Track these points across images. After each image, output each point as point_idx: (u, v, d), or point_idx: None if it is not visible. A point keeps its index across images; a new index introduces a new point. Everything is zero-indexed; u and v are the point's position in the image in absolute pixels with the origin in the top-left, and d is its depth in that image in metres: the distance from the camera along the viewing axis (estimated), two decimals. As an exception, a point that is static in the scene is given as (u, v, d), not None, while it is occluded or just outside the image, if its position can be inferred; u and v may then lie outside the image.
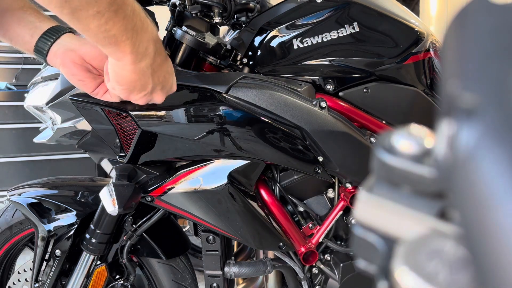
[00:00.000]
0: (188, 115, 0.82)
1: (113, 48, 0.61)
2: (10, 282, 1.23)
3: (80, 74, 0.71)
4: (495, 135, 0.16)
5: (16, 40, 0.73)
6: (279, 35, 0.91)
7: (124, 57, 0.62)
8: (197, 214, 0.92)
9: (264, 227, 0.93)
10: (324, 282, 1.06)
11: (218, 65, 0.93)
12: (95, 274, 1.06)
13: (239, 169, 0.89)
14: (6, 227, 1.21)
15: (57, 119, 0.98)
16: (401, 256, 0.19)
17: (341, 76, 0.91)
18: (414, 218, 0.21)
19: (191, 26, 0.89)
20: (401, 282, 0.18)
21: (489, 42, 0.18)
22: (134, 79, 0.66)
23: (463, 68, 0.18)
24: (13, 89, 2.77)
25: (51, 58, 0.72)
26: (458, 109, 0.17)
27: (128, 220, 1.04)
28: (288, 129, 0.84)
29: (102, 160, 1.01)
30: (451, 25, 0.21)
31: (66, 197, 1.11)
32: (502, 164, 0.15)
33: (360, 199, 0.23)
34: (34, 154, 2.74)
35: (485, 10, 0.20)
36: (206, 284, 1.04)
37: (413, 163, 0.21)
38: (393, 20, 0.92)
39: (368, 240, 0.23)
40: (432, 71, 0.99)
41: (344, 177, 0.94)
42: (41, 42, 0.71)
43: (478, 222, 0.16)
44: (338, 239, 1.05)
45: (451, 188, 0.18)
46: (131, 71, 0.64)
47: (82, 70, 0.71)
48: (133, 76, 0.65)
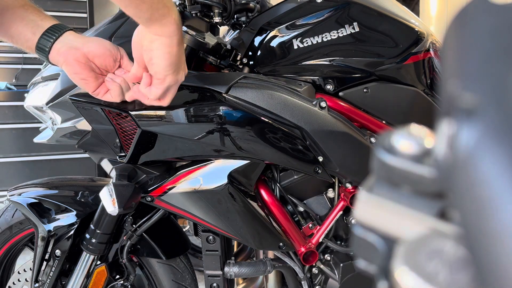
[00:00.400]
0: (188, 115, 0.82)
1: (165, 20, 0.64)
2: (10, 282, 1.23)
3: (83, 72, 0.71)
4: (495, 135, 0.16)
5: (18, 38, 0.73)
6: (279, 35, 0.91)
7: (173, 29, 0.65)
8: (197, 214, 0.92)
9: (264, 227, 0.93)
10: (324, 282, 1.06)
11: (218, 65, 0.93)
12: (95, 274, 1.06)
13: (239, 169, 0.89)
14: (6, 227, 1.21)
15: (57, 119, 0.98)
16: (401, 256, 0.19)
17: (341, 76, 0.91)
18: (414, 218, 0.21)
19: (191, 26, 0.89)
20: (401, 282, 0.18)
21: (489, 42, 0.18)
22: (180, 54, 0.68)
23: (463, 68, 0.18)
24: (13, 89, 2.77)
25: (53, 56, 0.72)
26: (458, 109, 0.17)
27: (128, 220, 1.04)
28: (288, 129, 0.84)
29: (102, 160, 1.01)
30: (451, 25, 0.21)
31: (66, 197, 1.11)
32: (502, 164, 0.15)
33: (360, 199, 0.23)
34: (34, 154, 2.74)
35: (485, 10, 0.20)
36: (206, 284, 1.04)
37: (413, 163, 0.21)
38: (393, 20, 0.92)
39: (368, 240, 0.23)
40: (432, 71, 0.99)
41: (344, 177, 0.94)
42: (43, 40, 0.71)
43: (478, 222, 0.16)
44: (338, 239, 1.05)
45: (451, 188, 0.18)
46: (178, 44, 0.67)
47: (85, 69, 0.71)
48: (180, 51, 0.68)
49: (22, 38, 0.72)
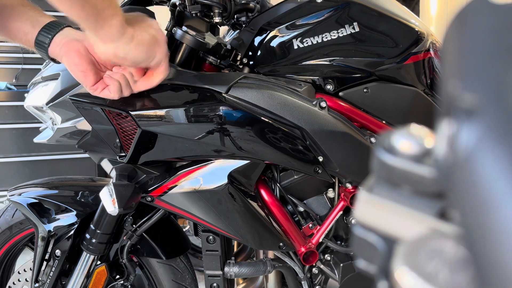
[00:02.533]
0: (188, 115, 0.82)
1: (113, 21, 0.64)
2: (10, 282, 1.23)
3: (83, 64, 0.71)
4: (495, 135, 0.16)
5: (16, 33, 0.73)
6: (279, 35, 0.91)
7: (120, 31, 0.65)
8: (197, 214, 0.92)
9: (264, 227, 0.93)
10: (324, 282, 1.06)
11: (218, 65, 0.93)
12: (95, 274, 1.06)
13: (239, 169, 0.89)
14: (6, 227, 1.21)
15: (57, 119, 0.98)
16: (401, 256, 0.19)
17: (341, 76, 0.91)
18: (414, 218, 0.21)
19: (191, 26, 0.89)
20: (401, 282, 0.18)
21: (489, 42, 0.18)
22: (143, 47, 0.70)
23: (463, 68, 0.18)
24: (13, 89, 2.77)
25: (53, 48, 0.72)
26: (458, 109, 0.17)
27: (128, 220, 1.04)
28: (288, 129, 0.84)
29: (102, 160, 1.01)
30: (451, 25, 0.21)
31: (66, 197, 1.11)
32: (502, 164, 0.15)
33: (360, 199, 0.23)
34: (34, 154, 2.74)
35: (485, 10, 0.20)
36: (206, 284, 1.04)
37: (413, 163, 0.21)
38: (393, 20, 0.92)
39: (368, 240, 0.23)
40: (432, 71, 0.99)
41: (344, 177, 0.94)
42: (42, 36, 0.72)
43: (478, 222, 0.16)
44: (338, 239, 1.05)
45: (451, 188, 0.18)
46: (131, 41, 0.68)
47: (85, 60, 0.71)
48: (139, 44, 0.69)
49: (21, 32, 0.72)
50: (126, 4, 0.92)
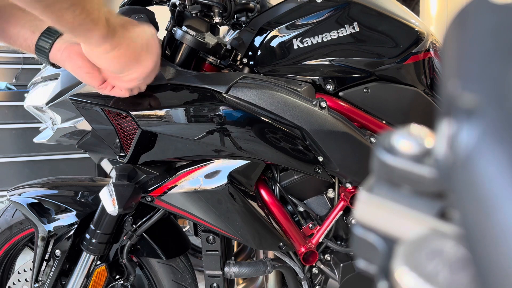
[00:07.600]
0: (188, 115, 0.82)
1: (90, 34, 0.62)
2: (10, 282, 1.23)
3: (87, 65, 0.71)
4: (495, 135, 0.16)
5: (16, 38, 0.72)
6: (279, 35, 0.91)
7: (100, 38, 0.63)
8: (197, 214, 0.92)
9: (264, 227, 0.93)
10: (324, 282, 1.06)
11: (218, 65, 0.93)
12: (95, 274, 1.06)
13: (239, 169, 0.89)
14: (6, 227, 1.21)
15: (57, 119, 0.98)
16: (401, 256, 0.19)
17: (341, 76, 0.91)
18: (414, 218, 0.21)
19: (191, 26, 0.89)
20: (401, 282, 0.18)
21: (489, 42, 0.18)
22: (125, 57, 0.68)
23: (463, 68, 0.18)
24: (13, 89, 2.77)
25: (54, 54, 0.71)
26: (458, 109, 0.17)
27: (128, 220, 1.04)
28: (288, 129, 0.84)
29: (102, 160, 1.01)
30: (451, 25, 0.21)
31: (66, 197, 1.11)
32: (502, 164, 0.15)
33: (360, 199, 0.23)
34: (34, 154, 2.74)
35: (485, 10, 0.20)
36: (206, 284, 1.04)
37: (413, 163, 0.21)
38: (393, 20, 0.92)
39: (368, 240, 0.23)
40: (432, 71, 0.99)
41: (344, 177, 0.94)
42: (42, 41, 0.71)
43: (478, 222, 0.16)
44: (338, 239, 1.05)
45: (451, 188, 0.18)
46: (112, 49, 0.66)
47: (88, 62, 0.71)
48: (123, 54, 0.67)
49: (21, 37, 0.72)
50: (126, 4, 0.92)
